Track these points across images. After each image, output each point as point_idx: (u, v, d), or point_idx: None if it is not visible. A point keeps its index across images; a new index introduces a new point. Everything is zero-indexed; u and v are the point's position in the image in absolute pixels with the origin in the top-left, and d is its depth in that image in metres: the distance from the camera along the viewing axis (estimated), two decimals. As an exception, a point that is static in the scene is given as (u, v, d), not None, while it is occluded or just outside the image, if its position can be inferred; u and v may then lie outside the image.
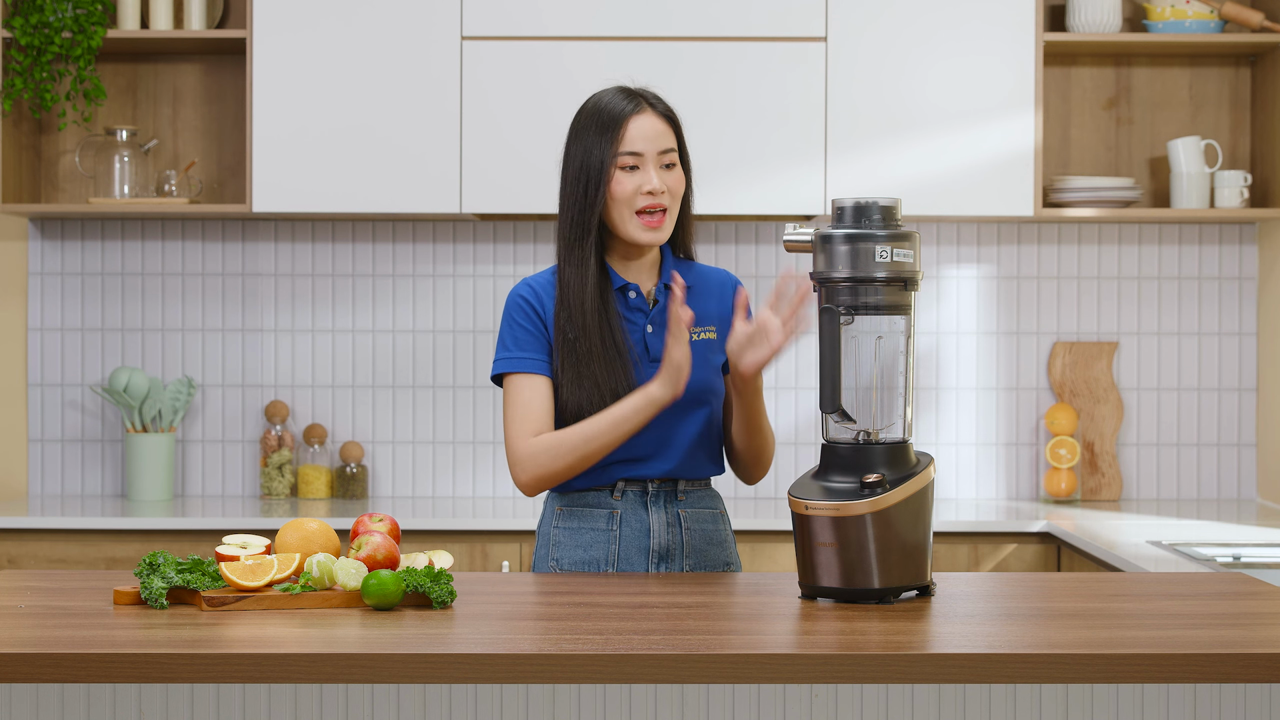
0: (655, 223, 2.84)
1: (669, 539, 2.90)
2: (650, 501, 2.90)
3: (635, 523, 2.89)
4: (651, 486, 2.90)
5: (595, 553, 2.89)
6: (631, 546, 2.89)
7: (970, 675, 2.13)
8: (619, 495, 2.90)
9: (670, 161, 2.86)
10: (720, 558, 2.95)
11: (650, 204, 2.83)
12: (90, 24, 4.47)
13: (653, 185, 2.83)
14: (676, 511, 2.91)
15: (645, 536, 2.89)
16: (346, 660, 2.12)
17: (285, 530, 2.59)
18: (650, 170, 2.83)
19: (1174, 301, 4.76)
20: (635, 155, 2.83)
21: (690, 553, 2.91)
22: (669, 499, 2.91)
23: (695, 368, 2.87)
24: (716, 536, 2.95)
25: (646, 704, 2.32)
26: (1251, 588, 2.63)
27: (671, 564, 2.90)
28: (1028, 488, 4.77)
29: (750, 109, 4.39)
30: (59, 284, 4.75)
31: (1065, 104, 4.75)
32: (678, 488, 2.92)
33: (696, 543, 2.91)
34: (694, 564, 2.91)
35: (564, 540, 2.92)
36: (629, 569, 2.89)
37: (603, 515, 2.90)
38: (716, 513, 2.97)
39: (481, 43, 4.40)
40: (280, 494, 4.68)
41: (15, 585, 2.62)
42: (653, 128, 2.85)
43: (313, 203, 4.42)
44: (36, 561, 4.22)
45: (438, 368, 4.76)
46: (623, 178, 2.83)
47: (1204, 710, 2.32)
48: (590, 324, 2.84)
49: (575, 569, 2.89)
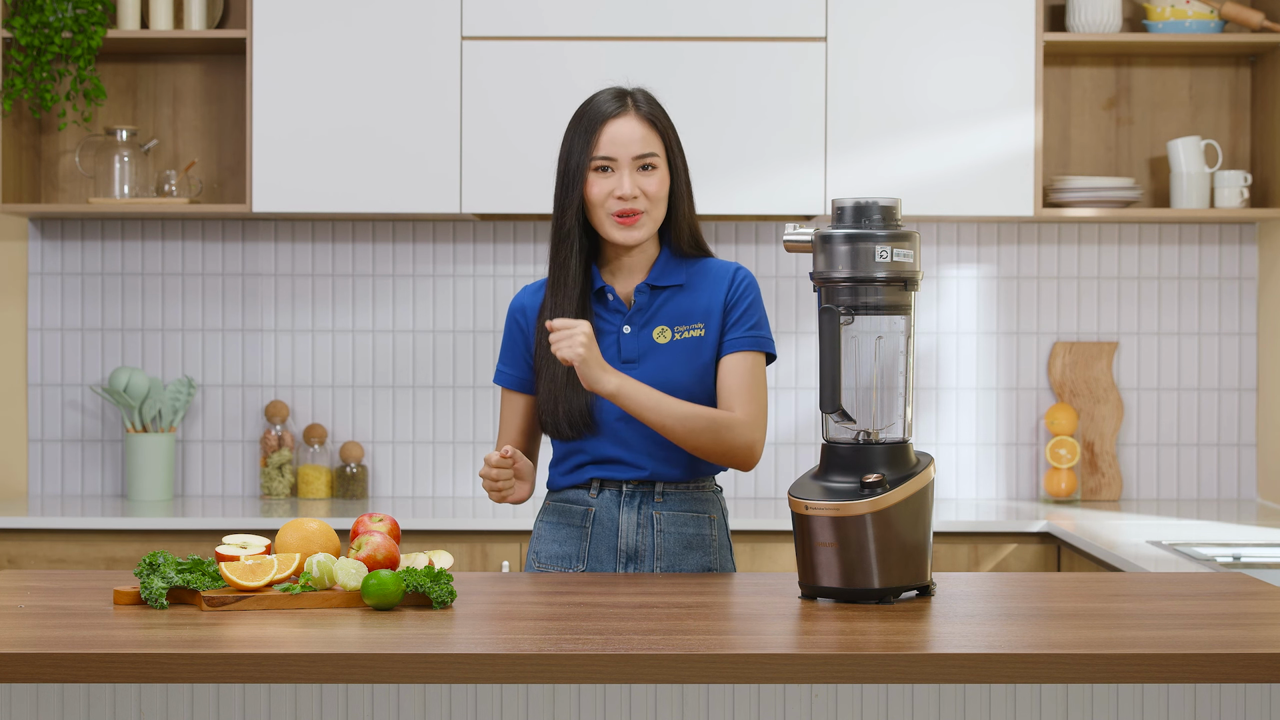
0: (629, 222, 2.86)
1: (638, 540, 2.91)
2: (625, 501, 2.92)
3: (607, 522, 2.92)
4: (626, 487, 2.92)
5: (569, 548, 2.93)
6: (601, 545, 2.92)
7: (970, 675, 2.13)
8: (595, 494, 2.93)
9: (648, 164, 2.86)
10: (699, 563, 2.93)
11: (621, 209, 2.85)
12: (90, 24, 4.47)
13: (624, 190, 2.85)
14: (651, 513, 2.91)
15: (614, 536, 2.91)
16: (346, 660, 2.12)
17: (285, 530, 2.59)
18: (623, 174, 2.85)
19: (1174, 301, 4.76)
20: (608, 159, 2.86)
21: (662, 555, 2.91)
22: (645, 500, 2.91)
23: (673, 367, 2.88)
24: (698, 541, 2.93)
25: (646, 704, 2.32)
26: (1251, 588, 2.63)
27: (640, 565, 2.91)
28: (1028, 488, 4.77)
29: (750, 109, 4.39)
30: (59, 284, 4.75)
31: (1065, 104, 4.75)
32: (655, 489, 2.92)
33: (670, 546, 2.91)
34: (665, 567, 2.91)
35: (544, 534, 2.97)
36: (599, 567, 2.92)
37: (579, 512, 2.94)
38: (704, 516, 2.95)
39: (481, 43, 4.40)
40: (280, 494, 4.68)
41: (15, 585, 2.62)
42: (629, 132, 2.86)
43: (313, 203, 4.42)
44: (36, 561, 4.22)
45: (438, 368, 4.76)
46: (597, 180, 2.86)
47: (1204, 710, 2.32)
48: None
49: (551, 563, 2.94)
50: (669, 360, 2.89)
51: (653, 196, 2.87)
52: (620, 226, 2.86)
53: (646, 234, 2.88)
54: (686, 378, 2.88)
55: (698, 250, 2.96)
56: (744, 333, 2.91)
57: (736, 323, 2.91)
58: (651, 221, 2.88)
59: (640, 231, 2.87)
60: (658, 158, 2.87)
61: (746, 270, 2.96)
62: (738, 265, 2.96)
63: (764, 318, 2.94)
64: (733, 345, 2.90)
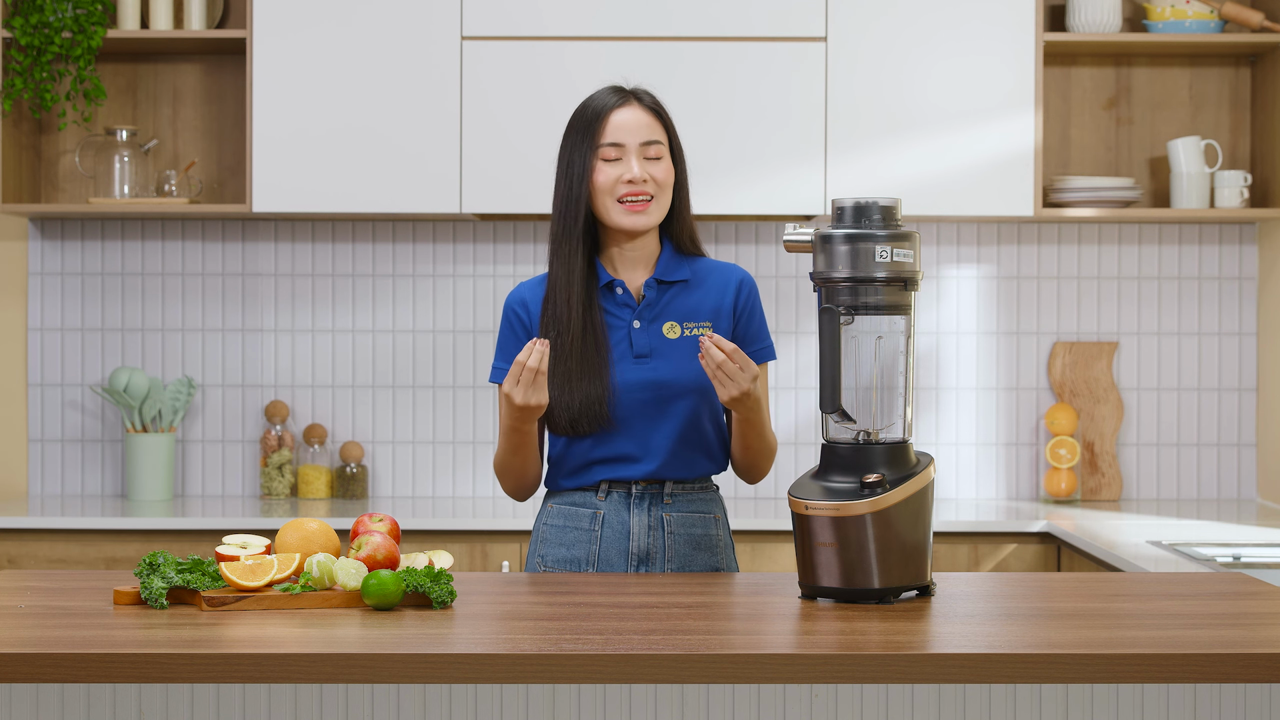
0: (639, 207, 2.85)
1: (649, 542, 2.90)
2: (634, 503, 2.91)
3: (617, 524, 2.91)
4: (635, 488, 2.91)
5: (577, 552, 2.91)
6: (612, 548, 2.90)
7: (970, 675, 2.13)
8: (603, 496, 2.91)
9: (656, 154, 2.87)
10: (707, 563, 2.94)
11: (630, 191, 2.85)
12: (90, 24, 4.47)
13: (633, 174, 2.84)
14: (660, 514, 2.91)
15: (625, 539, 2.90)
16: (346, 660, 2.12)
17: (285, 530, 2.59)
18: (632, 160, 2.85)
19: (1174, 301, 4.76)
20: (616, 146, 2.86)
21: (673, 557, 2.90)
22: (654, 501, 2.91)
23: (683, 362, 2.88)
24: (706, 541, 2.94)
25: (646, 704, 2.32)
26: (1251, 588, 2.63)
27: (652, 566, 2.90)
28: (1028, 488, 4.77)
29: (750, 109, 4.39)
30: (59, 284, 4.75)
31: (1065, 104, 4.75)
32: (664, 489, 2.92)
33: (680, 547, 2.91)
34: (676, 568, 2.91)
35: (551, 538, 2.95)
36: (609, 569, 2.90)
37: (587, 515, 2.92)
38: (709, 517, 2.95)
39: (481, 43, 4.40)
40: (280, 494, 4.68)
41: (15, 585, 2.62)
42: (636, 120, 2.87)
43: (313, 203, 4.42)
44: (36, 561, 4.22)
45: (438, 368, 4.76)
46: (604, 168, 2.86)
47: (1204, 710, 2.32)
48: (574, 320, 2.87)
49: (559, 567, 2.92)
50: (679, 355, 2.89)
51: (660, 183, 2.87)
52: (629, 212, 2.85)
53: (654, 220, 2.88)
54: (695, 373, 2.88)
55: (695, 249, 2.97)
56: (760, 345, 2.96)
57: (754, 336, 2.95)
58: (659, 208, 2.88)
59: (649, 217, 2.86)
60: (663, 146, 2.88)
61: (749, 274, 2.99)
62: (740, 268, 2.97)
63: (766, 323, 3.01)
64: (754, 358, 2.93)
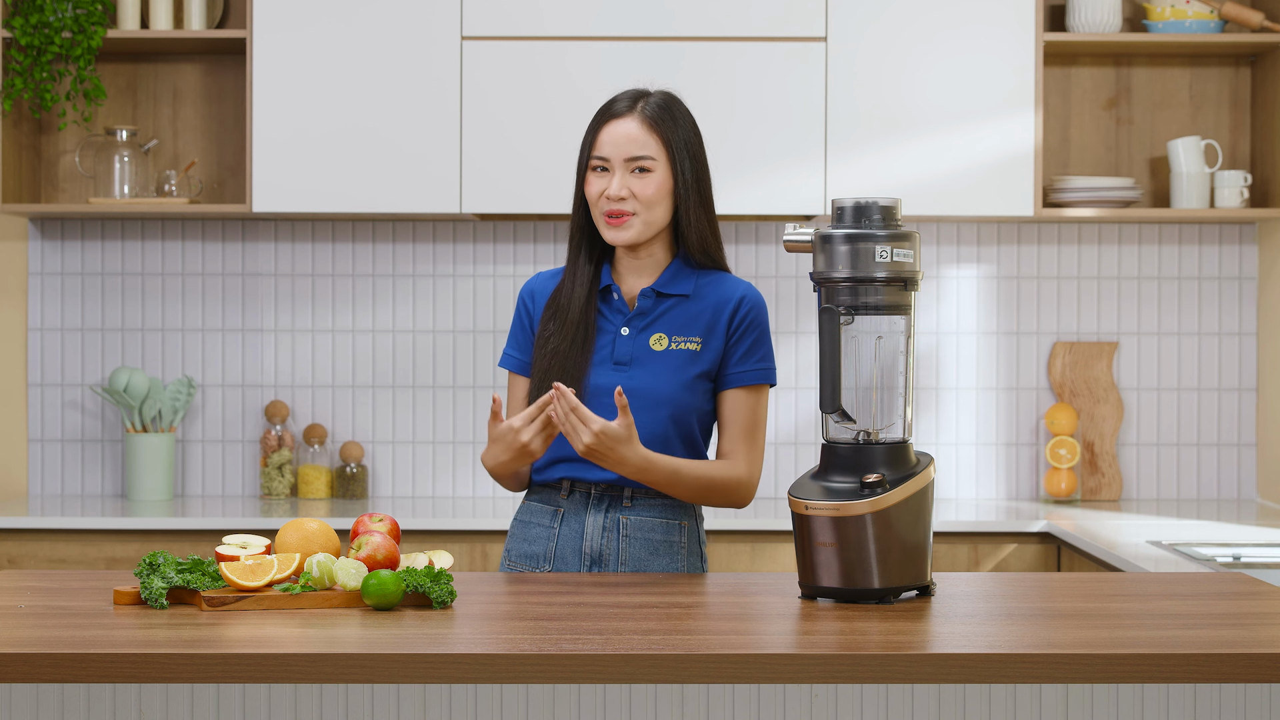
0: (616, 223, 2.86)
1: (603, 543, 2.89)
2: (593, 504, 2.91)
3: (575, 524, 2.91)
4: (595, 490, 2.91)
5: (537, 548, 2.93)
6: (567, 547, 2.91)
7: (970, 675, 2.13)
8: (565, 495, 2.93)
9: (642, 167, 2.85)
10: (664, 568, 2.91)
11: (609, 208, 2.86)
12: (90, 24, 4.47)
13: (611, 190, 2.85)
14: (618, 517, 2.90)
15: (579, 538, 2.91)
16: (346, 660, 2.12)
17: (285, 530, 2.59)
18: (615, 175, 2.86)
19: (1174, 301, 4.76)
20: (603, 159, 2.87)
21: (627, 560, 2.89)
22: (613, 504, 2.90)
23: (663, 375, 2.87)
24: (665, 547, 2.91)
25: (646, 704, 2.32)
26: (1251, 588, 2.63)
27: (605, 568, 2.90)
28: (1028, 488, 4.77)
29: (750, 109, 4.39)
30: (59, 284, 4.75)
31: (1065, 104, 4.75)
32: (623, 494, 2.91)
33: (636, 551, 2.89)
34: (631, 570, 2.90)
35: (517, 533, 2.98)
36: (565, 568, 2.91)
37: (549, 513, 2.94)
38: (674, 523, 2.92)
39: (481, 43, 4.40)
40: (280, 494, 4.68)
41: (15, 585, 2.62)
42: (626, 134, 2.86)
43: (313, 203, 4.42)
44: (36, 561, 4.22)
45: (438, 368, 4.76)
46: (593, 180, 2.89)
47: (1204, 710, 2.32)
48: (569, 319, 2.90)
49: (521, 562, 2.95)
50: (660, 368, 2.88)
51: (644, 199, 2.85)
52: (609, 226, 2.87)
53: (634, 236, 2.86)
54: (674, 388, 2.87)
55: (710, 261, 2.93)
56: (753, 365, 2.90)
57: (746, 354, 2.90)
58: (641, 224, 2.86)
59: (627, 233, 2.86)
60: (654, 161, 2.85)
61: (757, 293, 2.93)
62: (748, 287, 2.92)
63: (770, 346, 2.92)
64: (741, 379, 2.90)
